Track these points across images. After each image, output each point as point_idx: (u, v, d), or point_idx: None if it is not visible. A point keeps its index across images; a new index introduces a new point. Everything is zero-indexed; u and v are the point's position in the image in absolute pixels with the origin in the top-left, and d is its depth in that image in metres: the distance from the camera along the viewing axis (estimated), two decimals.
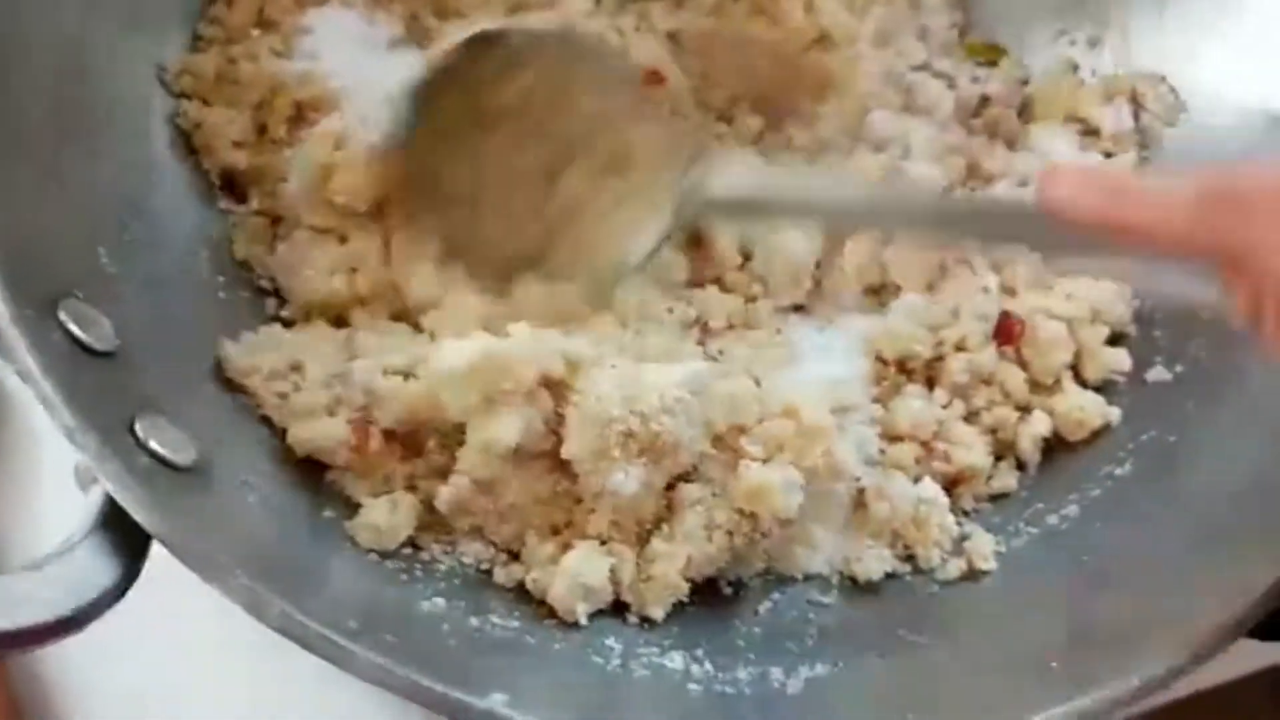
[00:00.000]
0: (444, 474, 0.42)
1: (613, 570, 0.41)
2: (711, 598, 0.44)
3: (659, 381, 0.39)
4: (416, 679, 0.32)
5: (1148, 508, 0.46)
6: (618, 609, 0.42)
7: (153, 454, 0.35)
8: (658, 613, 0.42)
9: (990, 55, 0.59)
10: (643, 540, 0.42)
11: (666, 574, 0.41)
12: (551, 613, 0.41)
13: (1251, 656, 0.60)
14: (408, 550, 0.42)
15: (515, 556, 0.43)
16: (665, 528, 0.42)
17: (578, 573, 0.40)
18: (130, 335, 0.38)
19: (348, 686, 0.50)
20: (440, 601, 0.39)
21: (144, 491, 0.33)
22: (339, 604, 0.35)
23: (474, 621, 0.39)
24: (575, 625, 0.40)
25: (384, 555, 0.41)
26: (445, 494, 0.41)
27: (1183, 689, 0.59)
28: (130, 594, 0.33)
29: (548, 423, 0.41)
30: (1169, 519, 0.45)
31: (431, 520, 0.42)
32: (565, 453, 0.40)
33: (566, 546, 0.41)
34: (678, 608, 0.42)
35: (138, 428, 0.35)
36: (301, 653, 0.32)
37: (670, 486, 0.42)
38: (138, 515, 0.33)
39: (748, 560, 0.44)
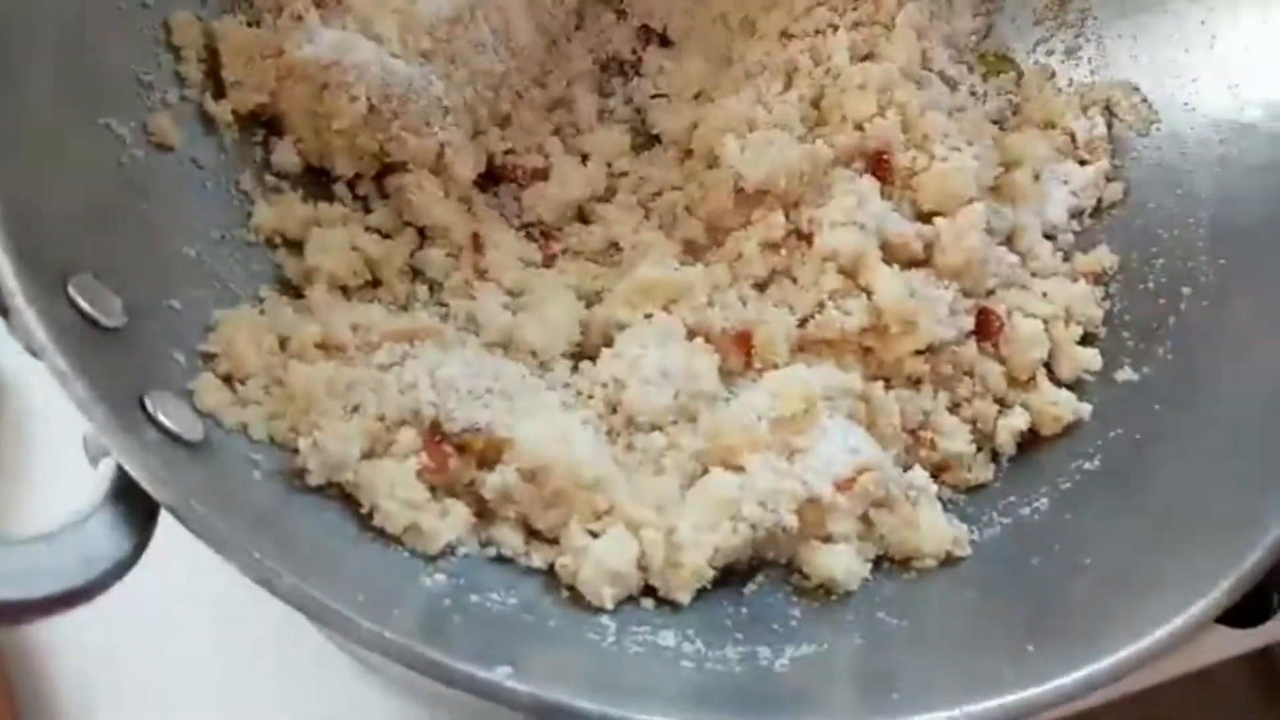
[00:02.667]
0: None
1: (641, 556, 0.42)
2: None
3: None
4: (424, 651, 0.33)
5: (1115, 501, 0.48)
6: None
7: (162, 428, 0.36)
8: (685, 598, 0.43)
9: (999, 68, 0.60)
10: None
11: (695, 562, 0.43)
12: (578, 597, 0.42)
13: (1228, 643, 0.63)
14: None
15: (547, 541, 0.44)
16: (693, 516, 0.44)
17: (606, 558, 0.41)
18: (139, 313, 0.38)
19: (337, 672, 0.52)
20: (441, 578, 0.40)
21: (155, 464, 0.34)
22: (344, 579, 0.36)
23: (474, 598, 0.40)
24: (575, 605, 0.41)
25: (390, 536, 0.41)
26: (492, 483, 0.42)
27: (1162, 674, 0.62)
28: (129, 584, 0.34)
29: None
30: (1136, 512, 0.47)
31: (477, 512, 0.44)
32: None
33: (599, 534, 0.43)
34: None
35: (147, 402, 0.36)
36: (290, 648, 0.33)
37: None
38: (149, 487, 0.33)
39: (764, 551, 0.46)
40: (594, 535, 0.43)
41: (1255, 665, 0.74)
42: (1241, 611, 0.62)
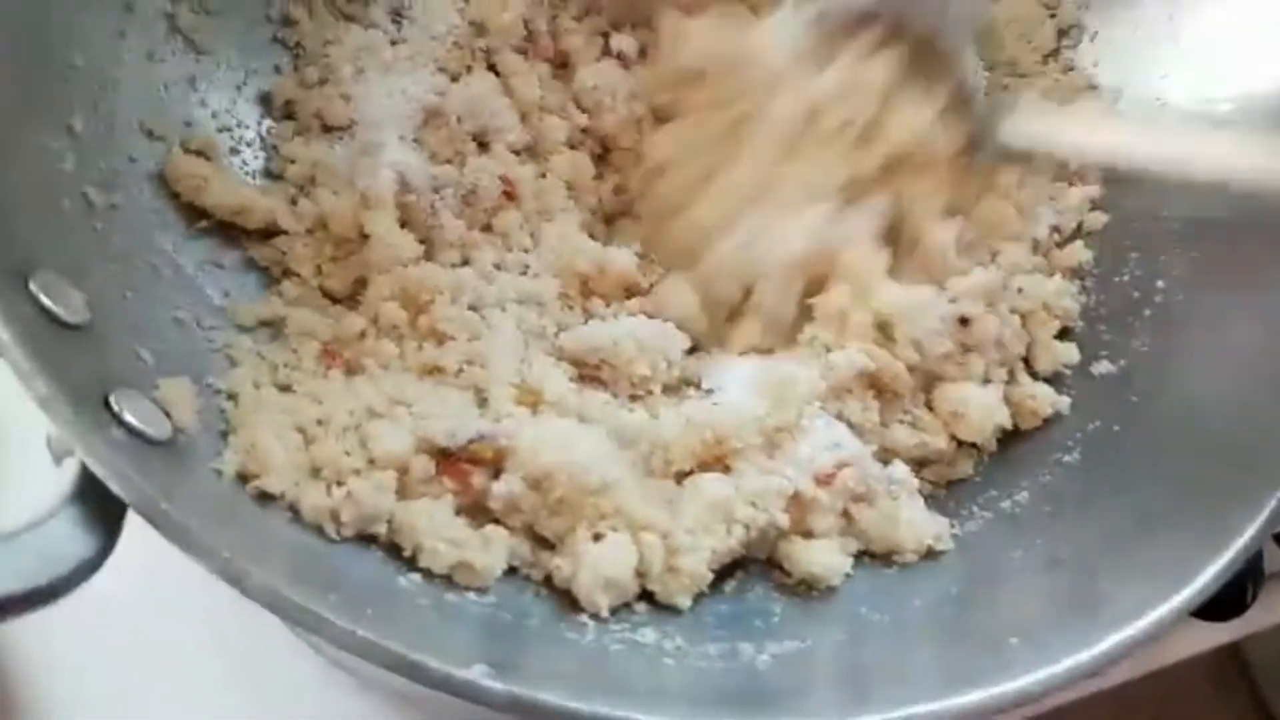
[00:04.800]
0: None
1: (640, 561, 0.42)
2: None
3: None
4: (396, 649, 0.32)
5: (1094, 493, 0.48)
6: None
7: (128, 427, 0.35)
8: (685, 602, 0.42)
9: None
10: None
11: (694, 566, 0.42)
12: (558, 594, 0.41)
13: (1201, 637, 0.63)
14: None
15: (550, 547, 0.43)
16: (687, 519, 0.43)
17: (603, 565, 0.41)
18: (103, 309, 0.38)
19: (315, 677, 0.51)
20: (416, 578, 0.39)
21: (120, 463, 0.33)
22: (317, 578, 0.35)
23: (451, 597, 0.39)
24: (554, 602, 0.41)
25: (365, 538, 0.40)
26: (497, 492, 0.42)
27: (1128, 672, 0.62)
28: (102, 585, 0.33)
29: None
30: (1114, 504, 0.47)
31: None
32: None
33: (600, 537, 0.42)
34: None
35: (112, 400, 0.35)
36: (261, 649, 0.32)
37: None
38: (114, 486, 0.32)
39: (751, 550, 0.45)
40: (597, 538, 0.42)
41: (1218, 656, 0.74)
42: (1218, 604, 0.63)
